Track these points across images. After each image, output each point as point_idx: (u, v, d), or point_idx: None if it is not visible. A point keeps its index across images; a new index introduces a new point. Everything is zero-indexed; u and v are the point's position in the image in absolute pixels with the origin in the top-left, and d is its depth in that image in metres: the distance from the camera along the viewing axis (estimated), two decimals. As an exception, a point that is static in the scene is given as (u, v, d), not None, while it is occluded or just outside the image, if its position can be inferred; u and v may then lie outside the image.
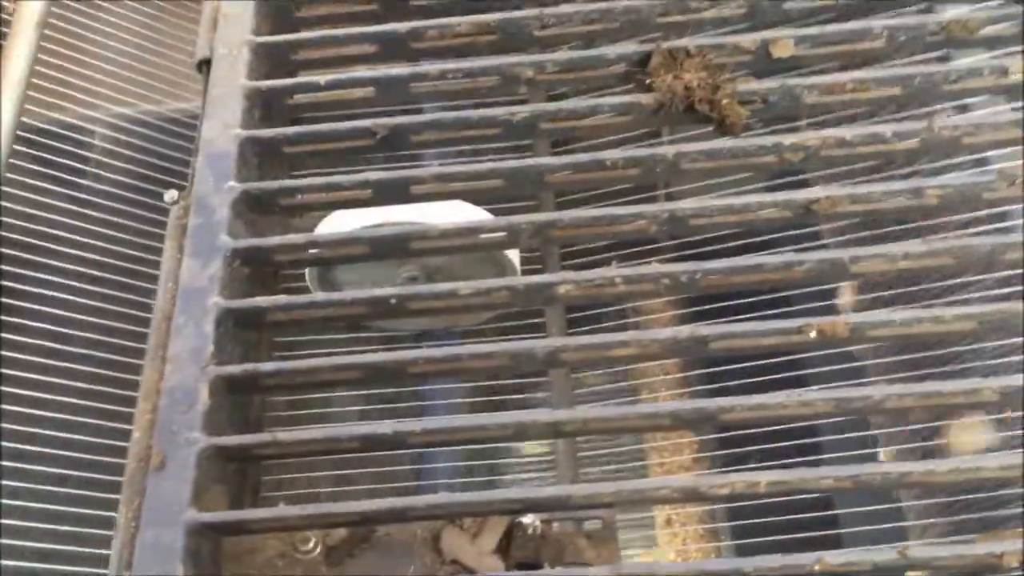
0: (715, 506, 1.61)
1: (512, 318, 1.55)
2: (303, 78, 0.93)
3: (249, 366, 0.76)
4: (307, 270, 1.43)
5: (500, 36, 0.98)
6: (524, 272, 1.46)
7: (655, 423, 0.78)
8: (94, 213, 1.51)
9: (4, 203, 1.24)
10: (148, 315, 1.42)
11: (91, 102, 1.56)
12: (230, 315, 0.79)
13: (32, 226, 1.44)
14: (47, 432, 1.34)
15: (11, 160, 1.25)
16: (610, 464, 1.58)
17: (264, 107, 0.94)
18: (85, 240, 1.49)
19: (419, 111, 1.31)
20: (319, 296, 0.82)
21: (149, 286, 1.46)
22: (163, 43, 1.64)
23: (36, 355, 1.36)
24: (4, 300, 1.30)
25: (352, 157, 0.95)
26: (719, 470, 1.48)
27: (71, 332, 1.41)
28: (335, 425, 0.75)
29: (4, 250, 1.37)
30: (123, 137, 1.58)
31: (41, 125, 1.50)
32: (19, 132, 1.25)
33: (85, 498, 1.32)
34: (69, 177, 1.55)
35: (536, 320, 1.55)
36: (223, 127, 0.89)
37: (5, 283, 1.34)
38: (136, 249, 1.50)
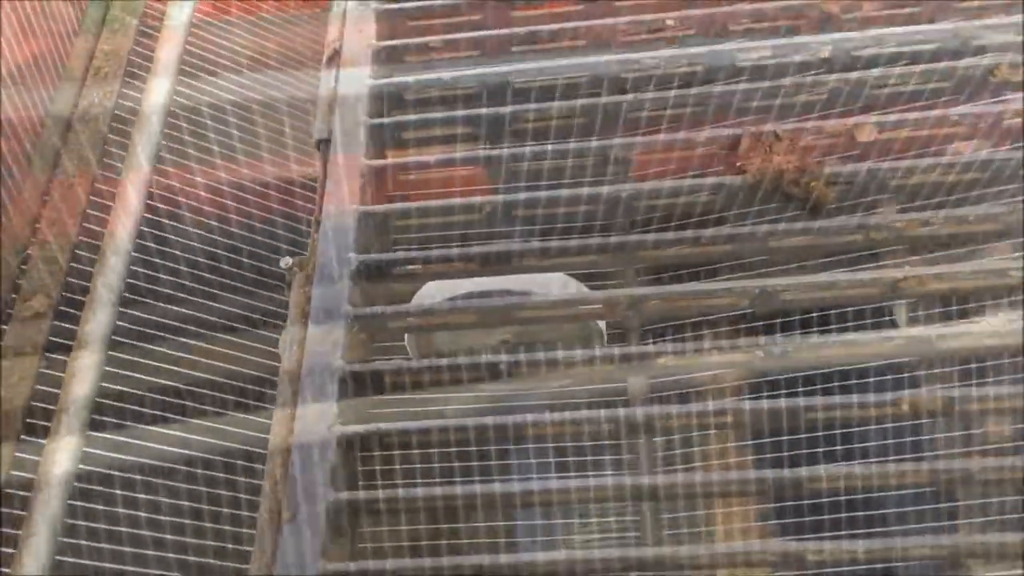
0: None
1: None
2: (416, 157, 1.01)
3: (372, 426, 0.82)
4: None
5: (593, 119, 1.05)
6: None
7: (741, 489, 0.83)
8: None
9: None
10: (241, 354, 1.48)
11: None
12: (353, 378, 0.85)
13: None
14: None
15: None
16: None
17: (377, 182, 1.01)
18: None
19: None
20: (430, 361, 0.88)
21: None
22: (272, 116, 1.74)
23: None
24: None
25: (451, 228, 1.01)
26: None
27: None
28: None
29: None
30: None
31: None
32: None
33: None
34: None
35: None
36: (343, 202, 0.96)
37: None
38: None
